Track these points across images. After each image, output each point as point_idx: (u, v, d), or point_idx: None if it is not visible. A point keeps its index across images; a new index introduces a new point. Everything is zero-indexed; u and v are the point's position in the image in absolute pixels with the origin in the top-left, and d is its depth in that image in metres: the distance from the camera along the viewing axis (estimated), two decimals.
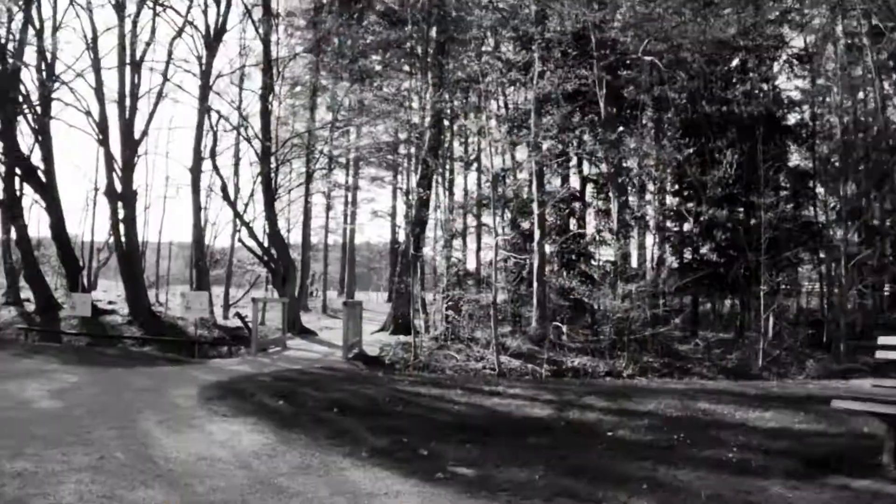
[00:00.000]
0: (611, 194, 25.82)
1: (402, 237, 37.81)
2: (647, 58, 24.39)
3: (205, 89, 28.78)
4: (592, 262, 26.92)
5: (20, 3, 27.98)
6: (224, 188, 30.77)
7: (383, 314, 31.63)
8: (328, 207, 48.98)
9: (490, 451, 8.80)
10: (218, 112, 30.95)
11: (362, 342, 22.84)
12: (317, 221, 48.20)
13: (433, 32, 28.59)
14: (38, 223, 60.73)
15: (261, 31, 29.86)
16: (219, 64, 51.79)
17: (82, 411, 10.56)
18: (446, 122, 31.25)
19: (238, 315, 27.83)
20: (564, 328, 23.36)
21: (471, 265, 34.01)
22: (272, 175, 29.79)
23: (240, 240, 33.15)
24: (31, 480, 6.98)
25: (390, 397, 12.78)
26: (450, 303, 24.40)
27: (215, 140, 30.19)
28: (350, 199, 49.75)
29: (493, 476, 7.67)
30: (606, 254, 27.32)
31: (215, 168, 30.81)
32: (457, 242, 33.00)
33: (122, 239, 28.41)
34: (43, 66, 29.07)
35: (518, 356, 21.46)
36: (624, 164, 26.35)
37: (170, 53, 29.12)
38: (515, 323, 25.61)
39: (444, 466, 8.00)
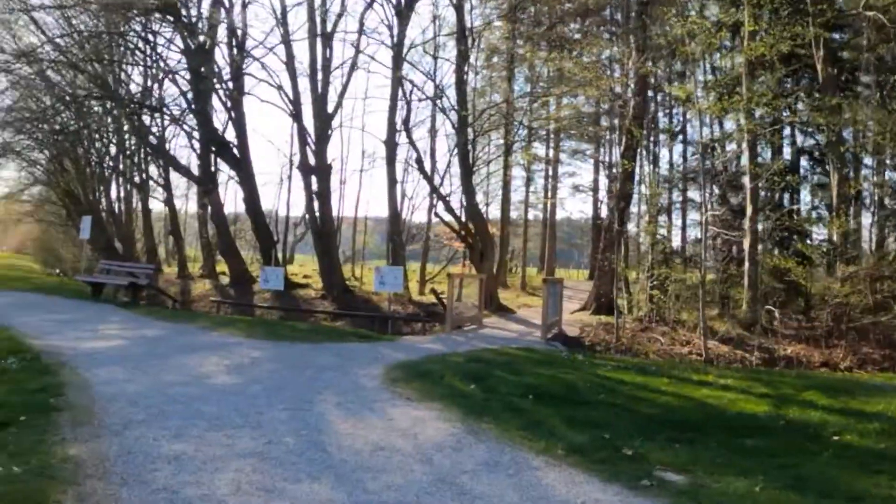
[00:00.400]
0: (829, 167, 24.27)
1: (604, 212, 37.08)
2: (869, 13, 22.52)
3: (397, 59, 28.60)
4: (808, 241, 25.33)
5: None
6: (419, 161, 30.71)
7: (583, 292, 31.14)
8: (528, 181, 48.90)
9: (701, 453, 7.77)
10: (412, 82, 30.88)
11: (562, 322, 22.10)
12: (516, 196, 48.27)
13: None
14: (234, 198, 63.16)
15: None
16: (412, 33, 52.06)
17: (258, 389, 10.16)
18: (649, 93, 30.10)
19: (433, 291, 27.47)
20: (776, 312, 21.90)
21: (675, 242, 32.95)
22: (469, 147, 29.31)
23: (436, 214, 33.14)
24: (188, 466, 6.48)
25: (591, 384, 11.76)
26: (654, 282, 23.30)
27: (409, 111, 30.16)
28: (551, 172, 49.37)
29: (707, 486, 6.66)
30: (821, 233, 25.83)
31: (410, 140, 30.87)
32: (661, 219, 31.91)
33: (317, 213, 28.72)
34: (234, 43, 29.84)
35: (726, 341, 20.32)
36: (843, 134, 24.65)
37: (361, 24, 29.30)
38: (723, 305, 24.48)
39: (650, 471, 7.01)
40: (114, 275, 25.91)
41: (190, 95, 30.74)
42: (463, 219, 30.06)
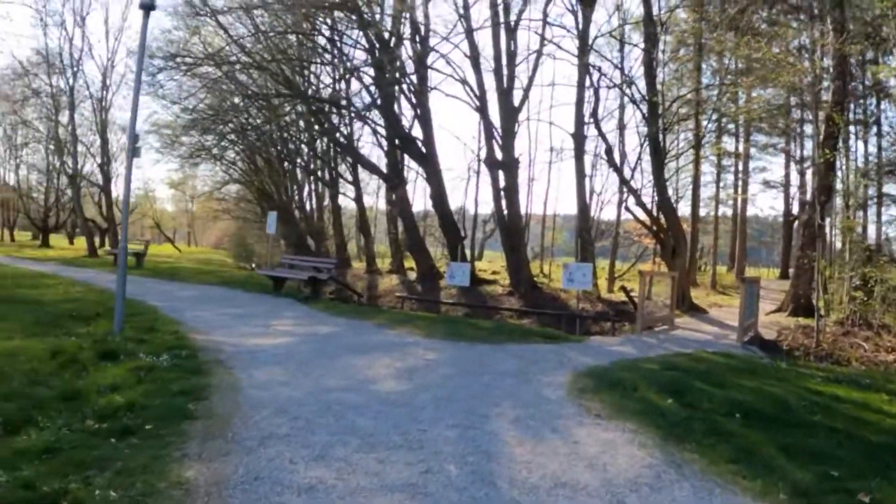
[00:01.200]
0: None
1: (795, 208, 35.70)
2: None
3: (583, 46, 28.01)
4: None
5: None
6: (609, 152, 30.03)
7: (774, 292, 30.52)
8: (718, 176, 48.19)
9: None
10: (599, 69, 30.47)
11: (757, 323, 21.05)
12: (704, 192, 47.52)
13: None
14: (423, 195, 64.22)
15: None
16: (598, 18, 51.62)
17: (426, 398, 9.38)
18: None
19: (623, 289, 26.85)
20: None
21: (870, 239, 31.42)
22: (660, 137, 28.49)
23: (626, 208, 32.43)
24: (321, 501, 5.68)
25: (802, 400, 10.47)
26: (856, 282, 22.00)
27: (597, 100, 29.72)
28: (741, 167, 48.53)
29: None
30: None
31: (599, 131, 30.19)
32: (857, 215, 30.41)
33: (504, 210, 28.59)
34: (417, 39, 29.96)
35: None
36: None
37: (545, 13, 29.04)
38: None
39: None
40: (297, 269, 26.32)
41: (375, 92, 30.97)
42: (654, 213, 29.37)
